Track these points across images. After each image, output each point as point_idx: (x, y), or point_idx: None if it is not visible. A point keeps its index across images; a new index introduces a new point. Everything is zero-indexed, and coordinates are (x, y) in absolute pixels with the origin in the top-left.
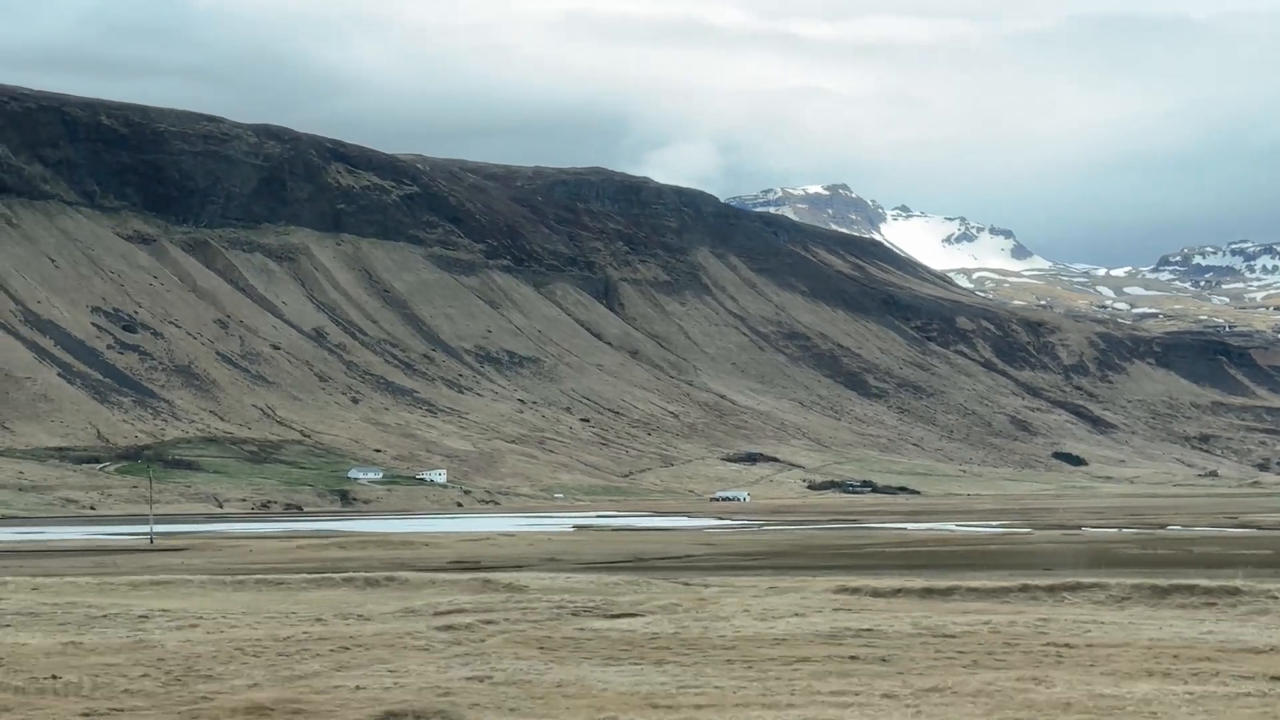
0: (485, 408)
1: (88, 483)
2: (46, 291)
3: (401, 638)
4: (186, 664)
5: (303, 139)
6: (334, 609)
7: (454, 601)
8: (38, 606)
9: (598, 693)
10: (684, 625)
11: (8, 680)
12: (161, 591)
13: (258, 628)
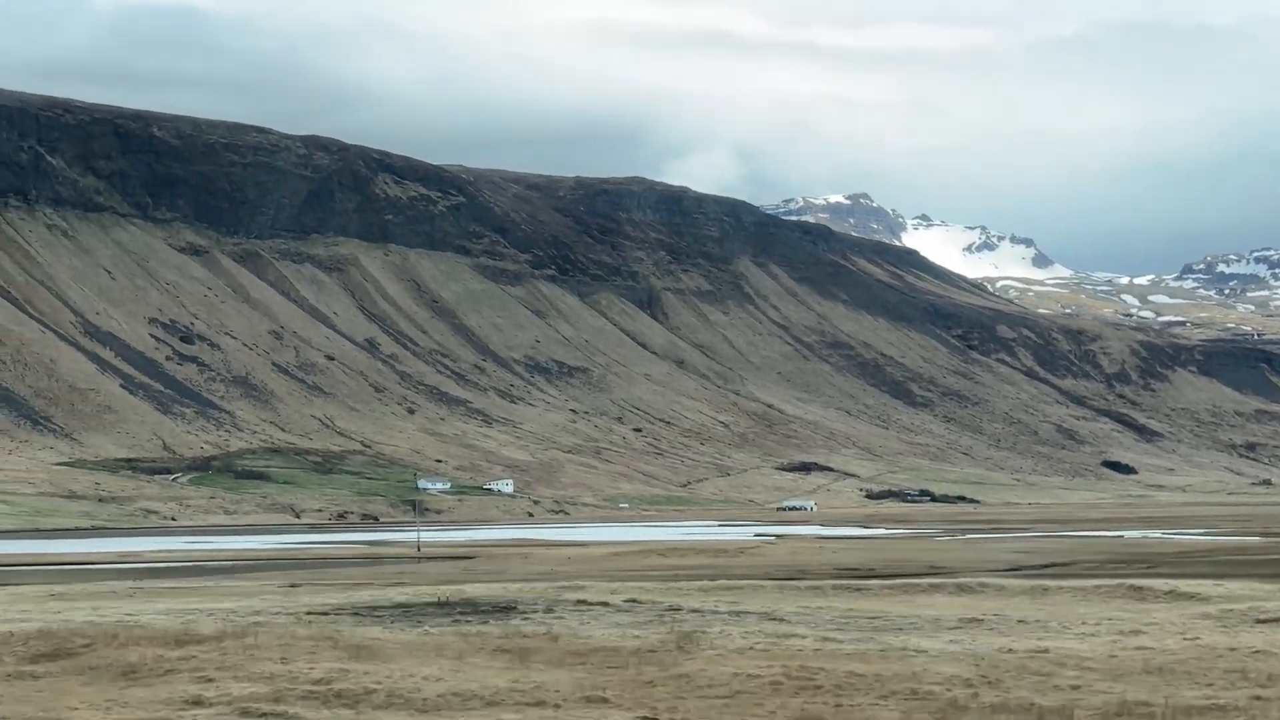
0: (539, 418)
1: (163, 493)
2: (104, 303)
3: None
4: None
5: (350, 150)
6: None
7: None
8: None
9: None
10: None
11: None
12: (746, 596)
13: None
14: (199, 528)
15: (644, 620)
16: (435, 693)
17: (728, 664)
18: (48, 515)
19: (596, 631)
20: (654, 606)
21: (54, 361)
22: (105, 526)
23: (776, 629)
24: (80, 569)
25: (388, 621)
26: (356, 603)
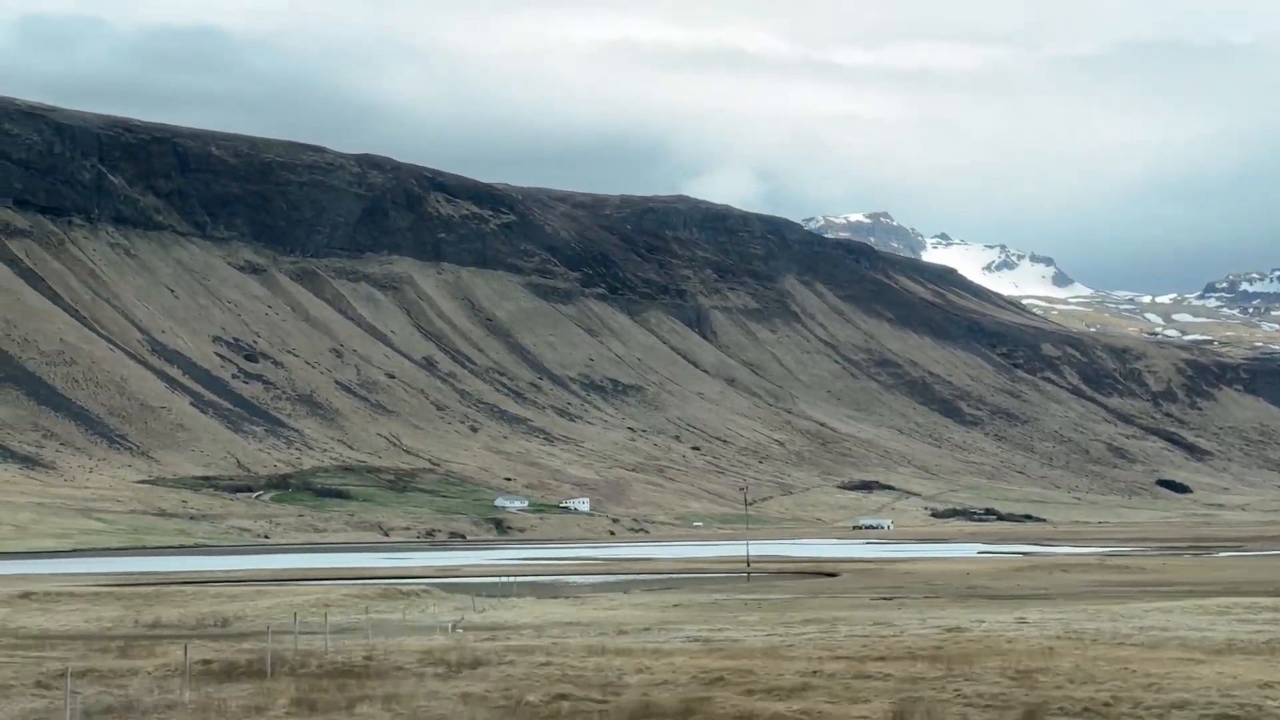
0: (598, 436)
1: (249, 511)
2: (169, 321)
3: None
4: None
5: (403, 168)
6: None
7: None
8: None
9: None
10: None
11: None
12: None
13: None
14: (220, 548)
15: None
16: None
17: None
18: (145, 533)
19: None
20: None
21: (124, 380)
22: (206, 544)
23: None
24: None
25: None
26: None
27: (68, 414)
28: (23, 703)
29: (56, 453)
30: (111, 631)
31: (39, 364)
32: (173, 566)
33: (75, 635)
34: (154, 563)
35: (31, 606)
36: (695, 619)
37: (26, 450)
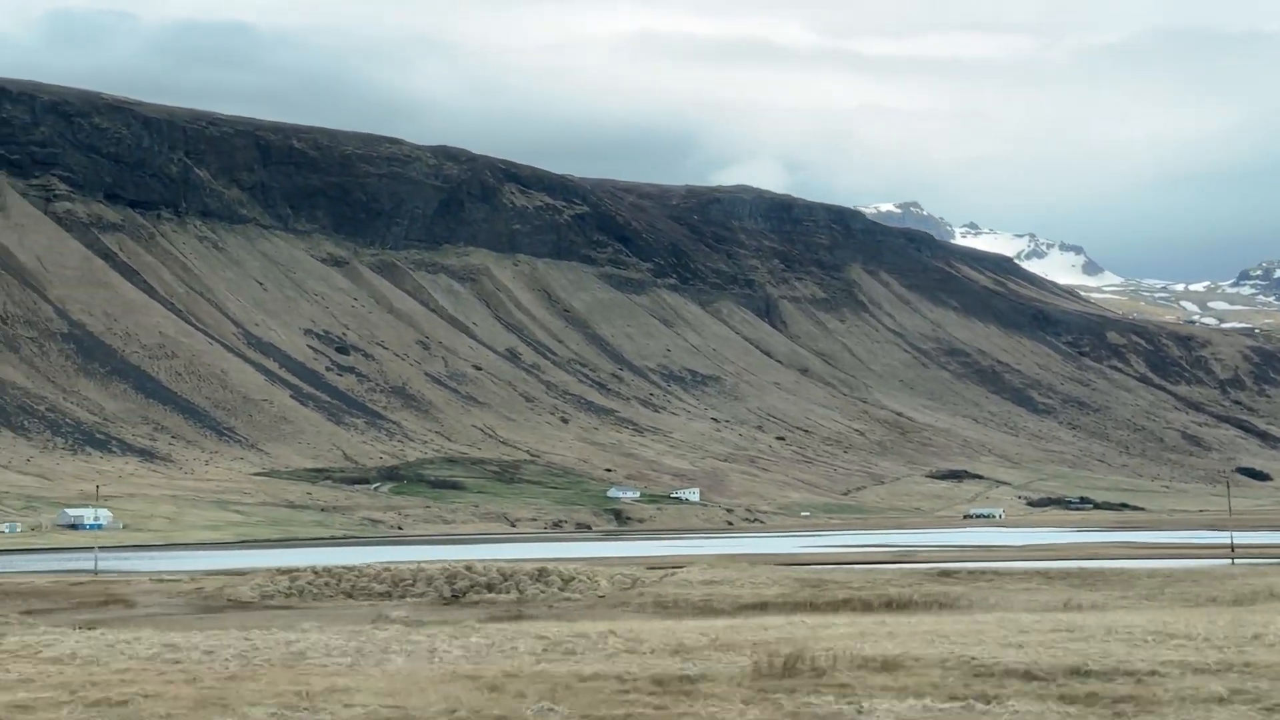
0: (684, 426)
1: (376, 503)
2: (261, 314)
3: None
4: None
5: (478, 160)
6: None
7: None
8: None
9: None
10: None
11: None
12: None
13: None
14: (473, 537)
15: None
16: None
17: None
18: (284, 525)
19: None
20: None
21: (225, 373)
22: (355, 535)
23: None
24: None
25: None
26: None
27: (175, 407)
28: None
29: (170, 445)
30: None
31: (142, 357)
32: (352, 559)
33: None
34: (335, 554)
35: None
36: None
37: (142, 443)
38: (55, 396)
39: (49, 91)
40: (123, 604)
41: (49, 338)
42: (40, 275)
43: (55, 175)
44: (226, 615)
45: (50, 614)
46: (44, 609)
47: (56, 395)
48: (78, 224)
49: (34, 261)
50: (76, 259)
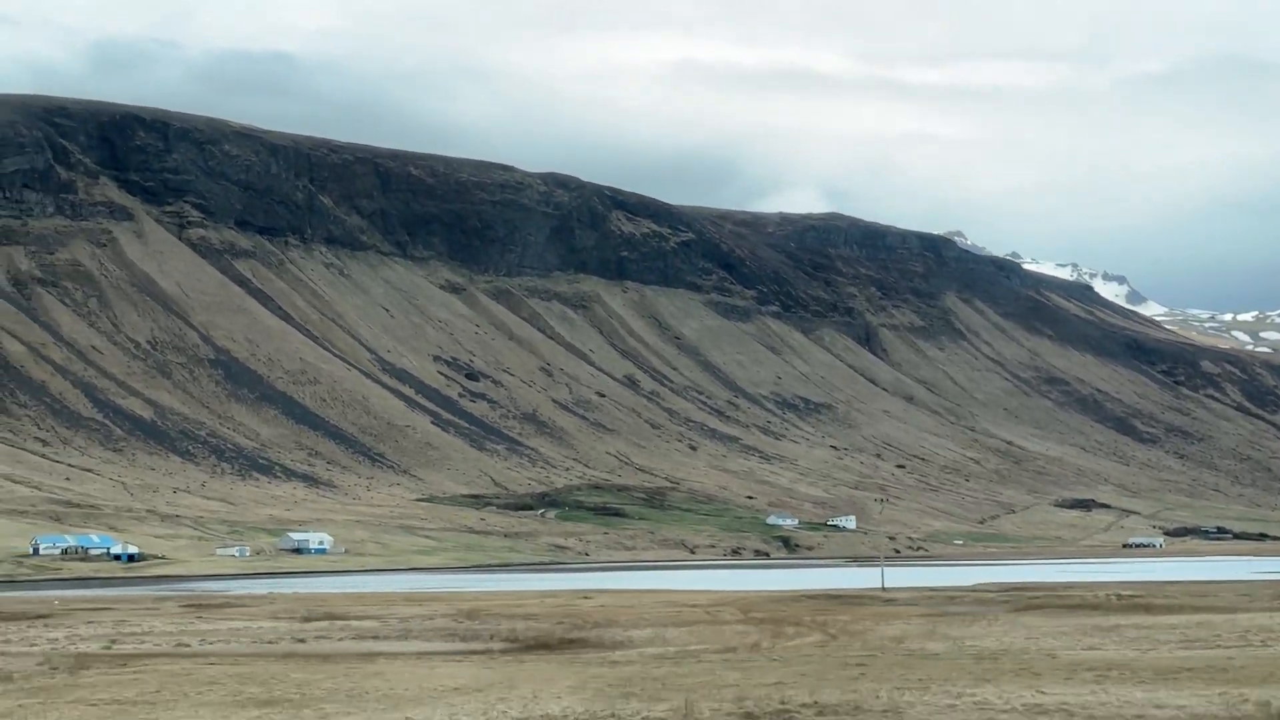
0: (807, 454)
1: (552, 529)
2: (391, 340)
3: None
4: None
5: (587, 187)
6: None
7: None
8: None
9: None
10: None
11: None
12: None
13: None
14: (708, 564)
15: None
16: None
17: None
18: (474, 550)
19: None
20: None
21: (366, 399)
22: (559, 563)
23: None
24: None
25: None
26: None
27: (324, 433)
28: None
29: (328, 470)
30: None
31: (286, 383)
32: (642, 583)
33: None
34: (608, 579)
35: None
36: None
37: (302, 468)
38: (212, 422)
39: (179, 119)
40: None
41: (198, 364)
42: (182, 301)
43: (188, 202)
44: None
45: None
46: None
47: (213, 421)
48: (212, 250)
49: (175, 288)
50: (214, 285)
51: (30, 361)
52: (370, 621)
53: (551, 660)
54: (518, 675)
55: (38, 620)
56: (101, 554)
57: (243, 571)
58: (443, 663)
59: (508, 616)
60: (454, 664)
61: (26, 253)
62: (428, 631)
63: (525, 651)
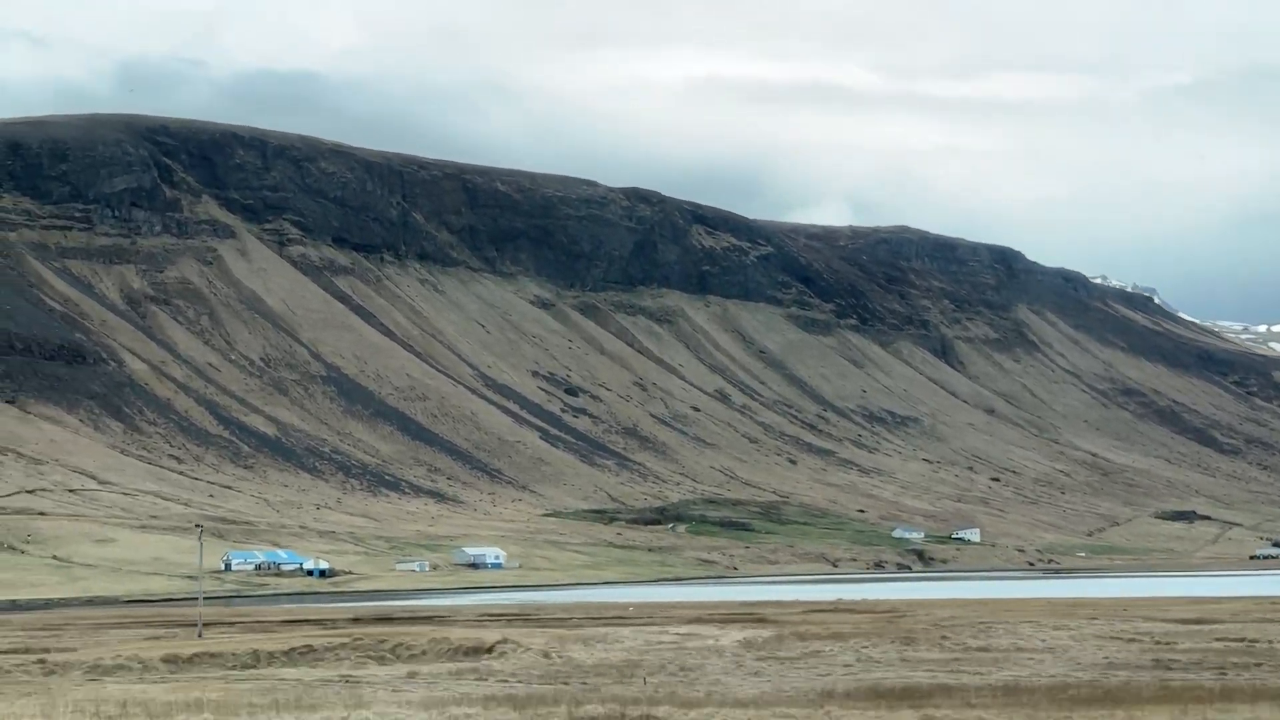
0: (902, 467)
1: (689, 543)
2: (489, 356)
3: None
4: None
5: (667, 201)
6: None
7: None
8: None
9: None
10: None
11: None
12: None
13: None
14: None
15: None
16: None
17: None
18: (629, 564)
19: None
20: None
21: (474, 415)
22: (728, 577)
23: None
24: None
25: None
26: None
27: (440, 449)
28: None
29: (450, 486)
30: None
31: (397, 399)
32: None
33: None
34: (800, 590)
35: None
36: None
37: (426, 484)
38: (333, 439)
39: (277, 137)
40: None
41: (311, 380)
42: (290, 319)
43: (287, 219)
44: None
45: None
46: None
47: (333, 437)
48: (312, 267)
49: (281, 305)
50: (318, 302)
51: (154, 379)
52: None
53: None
54: None
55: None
56: (294, 569)
57: (448, 586)
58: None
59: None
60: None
61: (138, 271)
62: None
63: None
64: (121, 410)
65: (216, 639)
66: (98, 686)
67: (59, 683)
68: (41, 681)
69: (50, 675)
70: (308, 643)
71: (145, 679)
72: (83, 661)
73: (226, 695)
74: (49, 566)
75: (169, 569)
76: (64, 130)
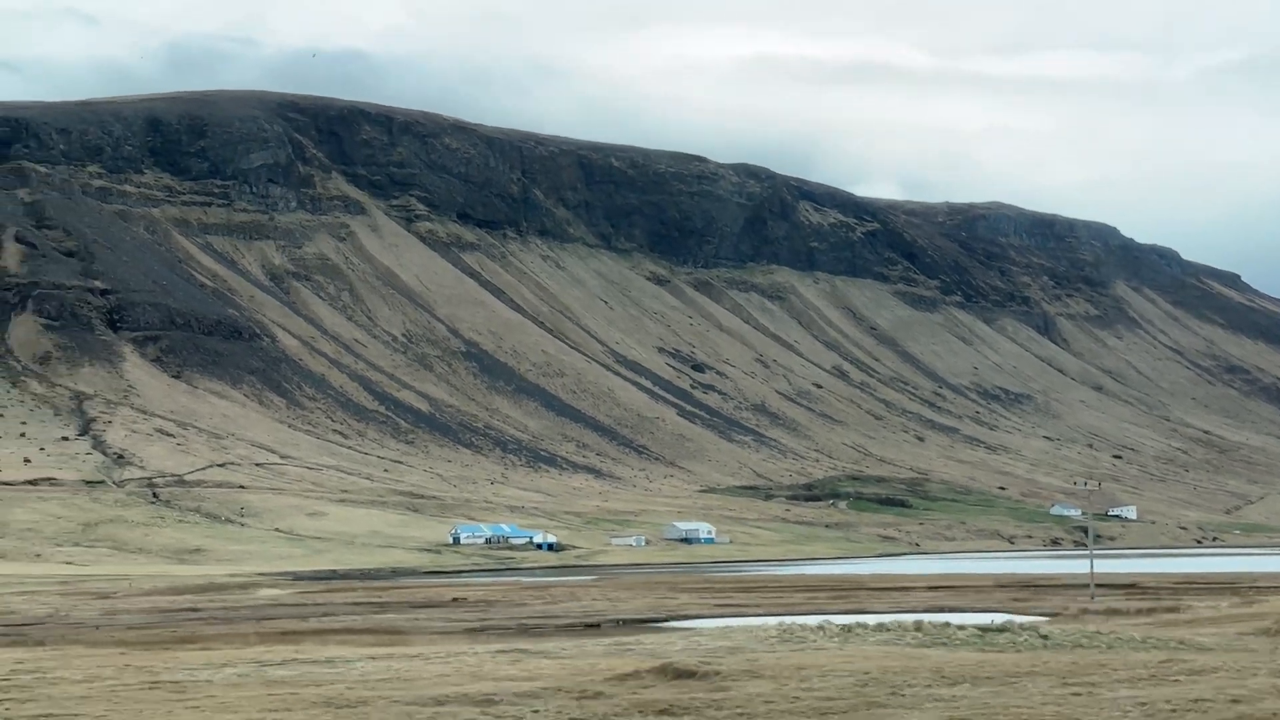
0: (1025, 444)
1: (862, 520)
2: (616, 333)
3: None
4: None
5: (776, 177)
6: None
7: None
8: None
9: None
10: None
11: None
12: None
13: None
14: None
15: None
16: None
17: None
18: (809, 541)
19: None
20: None
21: (611, 391)
22: (920, 551)
23: None
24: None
25: None
26: None
27: (585, 424)
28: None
29: (601, 461)
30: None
31: (536, 375)
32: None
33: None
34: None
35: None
36: None
37: (579, 460)
38: (483, 415)
39: (401, 114)
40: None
41: (453, 356)
42: (425, 295)
43: (413, 195)
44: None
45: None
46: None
47: (482, 413)
48: (439, 243)
49: (415, 281)
50: (450, 278)
51: (306, 355)
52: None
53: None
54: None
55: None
56: (524, 543)
57: (677, 561)
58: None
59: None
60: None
61: (277, 247)
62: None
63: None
64: (281, 386)
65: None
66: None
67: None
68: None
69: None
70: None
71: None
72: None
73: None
74: (280, 539)
75: (393, 542)
76: (199, 107)
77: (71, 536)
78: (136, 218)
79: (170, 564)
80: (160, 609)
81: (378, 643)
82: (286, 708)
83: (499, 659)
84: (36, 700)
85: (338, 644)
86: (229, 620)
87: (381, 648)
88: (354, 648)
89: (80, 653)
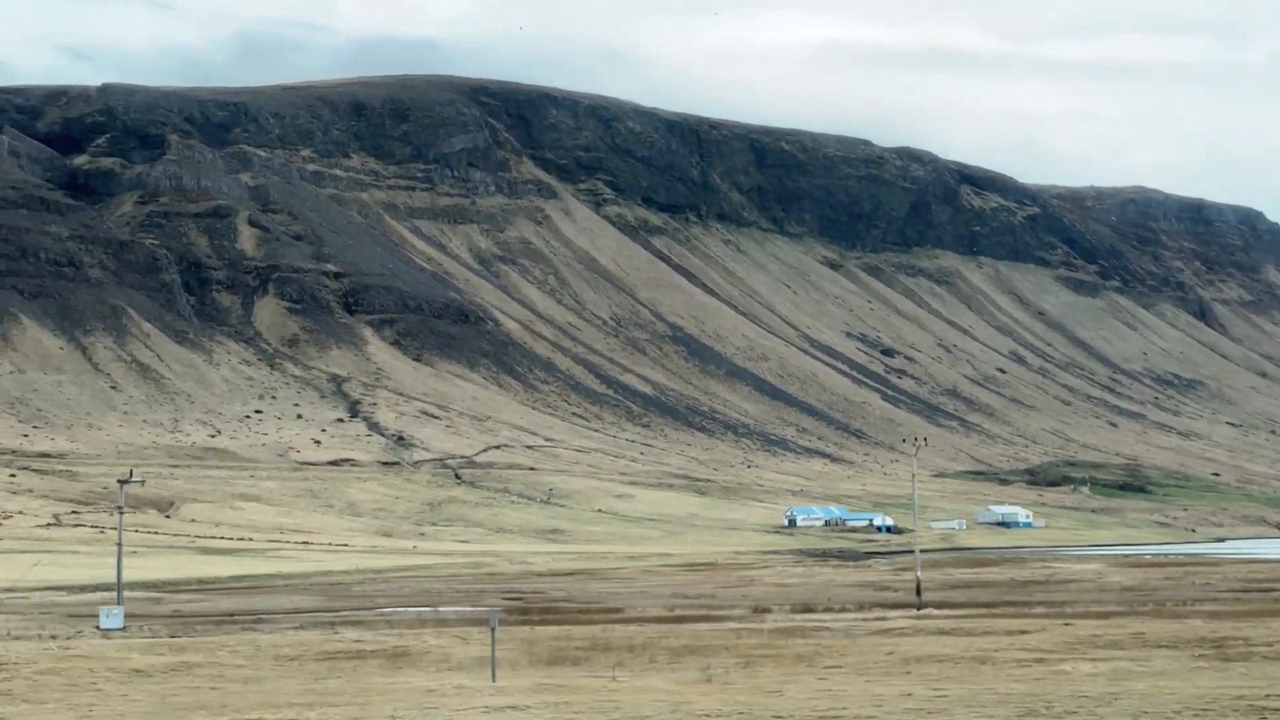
0: (1213, 431)
1: (1130, 506)
2: (805, 317)
3: None
4: None
5: (938, 162)
6: None
7: None
8: None
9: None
10: None
11: None
12: None
13: None
14: None
15: None
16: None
17: None
18: (1098, 528)
19: None
20: None
21: (815, 375)
22: (1224, 536)
23: None
24: None
25: None
26: None
27: (798, 409)
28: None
29: (825, 445)
30: None
31: (743, 359)
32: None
33: None
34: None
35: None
36: None
37: (807, 444)
38: (703, 398)
39: (585, 98)
40: None
41: (661, 340)
42: (625, 279)
43: (599, 179)
44: None
45: None
46: None
47: (702, 396)
48: (629, 227)
49: (613, 265)
50: (644, 262)
51: (529, 338)
52: None
53: None
54: None
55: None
56: (864, 525)
57: (1031, 543)
58: None
59: None
60: None
61: (480, 230)
62: None
63: None
64: (514, 369)
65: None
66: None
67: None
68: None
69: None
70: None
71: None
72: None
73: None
74: (619, 520)
75: (711, 524)
76: (400, 91)
77: (422, 516)
78: (349, 201)
79: (541, 543)
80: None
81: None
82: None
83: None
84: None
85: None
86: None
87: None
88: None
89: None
